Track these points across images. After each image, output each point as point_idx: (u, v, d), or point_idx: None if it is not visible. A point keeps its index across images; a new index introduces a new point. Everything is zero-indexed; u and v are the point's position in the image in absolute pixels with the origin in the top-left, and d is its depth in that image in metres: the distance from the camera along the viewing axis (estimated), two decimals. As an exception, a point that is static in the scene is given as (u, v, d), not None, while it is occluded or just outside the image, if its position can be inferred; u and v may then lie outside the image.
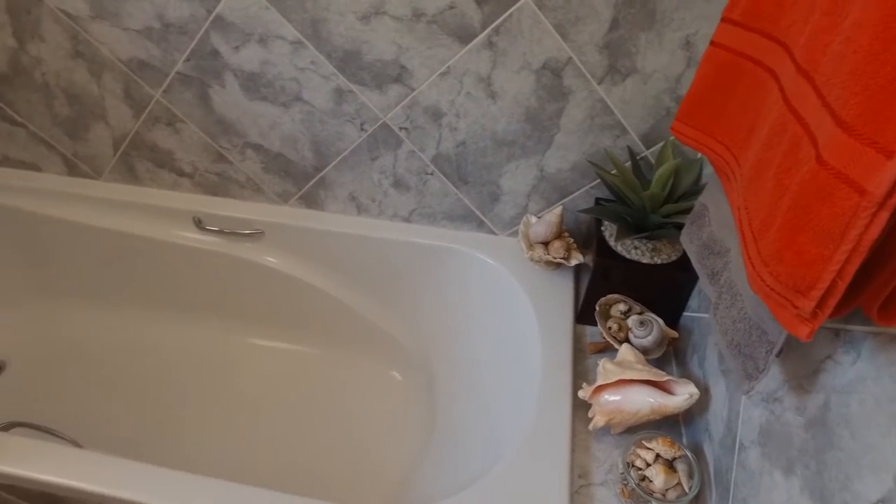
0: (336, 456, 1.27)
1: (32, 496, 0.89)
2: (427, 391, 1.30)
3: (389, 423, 1.31)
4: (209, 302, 1.47)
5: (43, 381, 1.44)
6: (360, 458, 1.26)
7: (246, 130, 1.20)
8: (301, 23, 1.02)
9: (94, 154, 1.36)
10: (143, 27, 1.10)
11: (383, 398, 1.35)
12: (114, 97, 1.24)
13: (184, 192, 1.36)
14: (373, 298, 1.33)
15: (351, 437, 1.29)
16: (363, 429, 1.31)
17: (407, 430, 1.28)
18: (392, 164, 1.17)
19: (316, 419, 1.34)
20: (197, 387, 1.42)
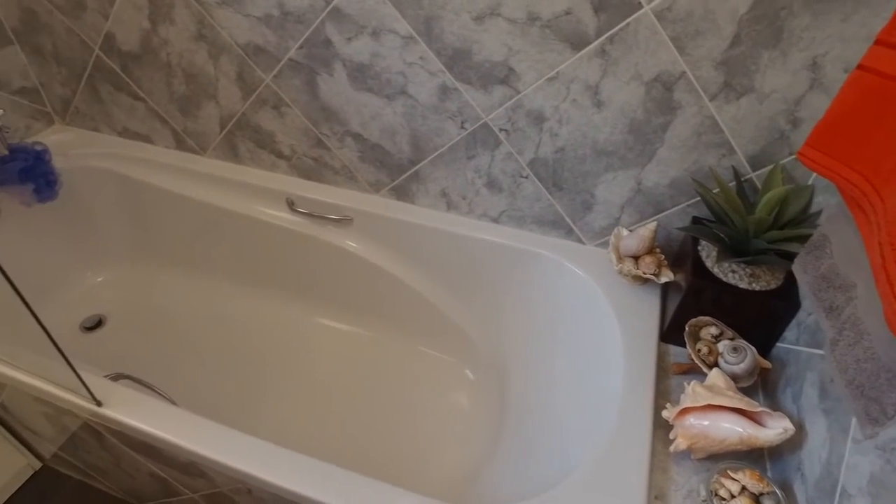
0: (400, 443, 1.29)
1: (134, 443, 0.95)
2: (498, 393, 1.30)
3: (457, 419, 1.32)
4: (290, 280, 1.53)
5: (134, 338, 1.54)
6: (425, 449, 1.28)
7: (348, 119, 1.24)
8: (415, 19, 1.04)
9: (202, 131, 1.43)
10: (263, 14, 1.15)
11: (453, 394, 1.37)
12: (227, 79, 1.30)
13: (280, 174, 1.42)
14: (452, 295, 1.35)
15: (417, 426, 1.32)
16: (430, 421, 1.33)
17: (475, 429, 1.29)
18: (488, 164, 1.18)
19: (384, 404, 1.37)
20: (270, 360, 1.47)
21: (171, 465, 0.97)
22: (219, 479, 0.91)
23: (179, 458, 0.91)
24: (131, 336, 1.54)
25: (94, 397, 0.89)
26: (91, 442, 1.07)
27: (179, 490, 1.05)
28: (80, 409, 0.93)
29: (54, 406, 1.00)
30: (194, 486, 0.99)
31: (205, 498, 1.02)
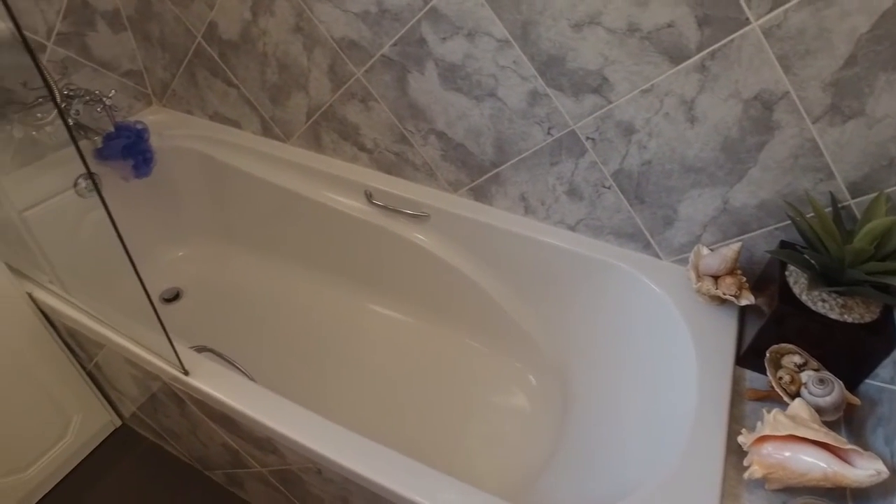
0: (456, 439, 1.31)
1: (213, 414, 1.00)
2: (560, 401, 1.30)
3: (517, 423, 1.33)
4: (358, 269, 1.56)
5: (208, 312, 1.61)
6: (481, 448, 1.29)
7: (434, 117, 1.26)
8: (512, 23, 1.05)
9: (289, 119, 1.48)
10: (361, 10, 1.19)
11: (514, 397, 1.37)
12: (319, 71, 1.34)
13: (360, 166, 1.46)
14: (521, 299, 1.35)
15: (475, 424, 1.33)
16: (489, 420, 1.33)
17: (533, 435, 1.29)
18: (571, 171, 1.17)
19: (442, 398, 1.38)
20: (331, 343, 1.51)
21: (245, 439, 1.01)
22: (291, 456, 0.94)
23: (256, 432, 0.95)
24: (205, 310, 1.61)
25: (182, 366, 0.94)
26: (172, 407, 1.13)
27: (249, 463, 1.10)
28: (168, 376, 0.98)
29: (143, 370, 1.06)
30: (265, 460, 1.04)
31: (272, 473, 1.06)
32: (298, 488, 1.04)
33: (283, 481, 1.07)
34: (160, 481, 1.35)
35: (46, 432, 1.25)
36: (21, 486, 1.23)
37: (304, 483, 1.01)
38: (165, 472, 1.37)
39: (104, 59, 1.55)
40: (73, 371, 1.26)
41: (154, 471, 1.37)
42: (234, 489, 1.31)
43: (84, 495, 1.33)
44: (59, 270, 1.16)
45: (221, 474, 1.29)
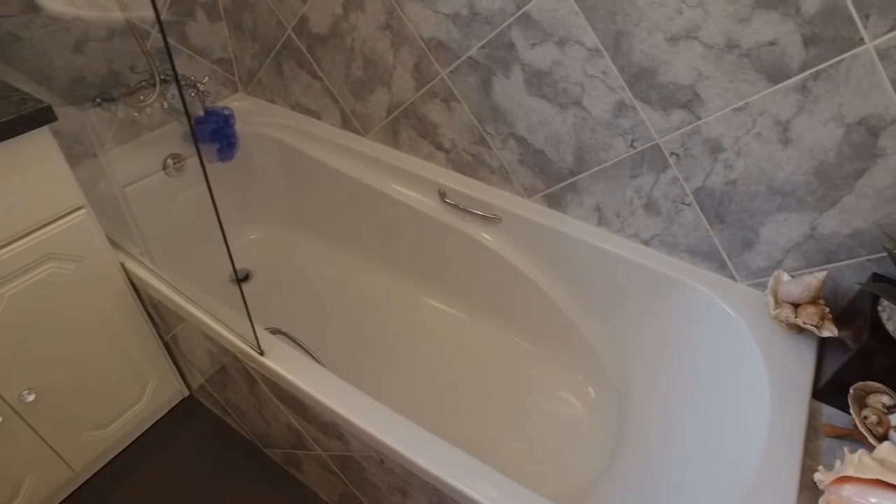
0: (511, 443, 1.31)
1: (283, 395, 1.03)
2: (619, 417, 1.28)
3: (573, 434, 1.32)
4: (425, 266, 1.58)
5: (275, 294, 1.66)
6: (536, 455, 1.28)
7: (515, 122, 1.26)
8: (605, 33, 1.04)
9: (369, 114, 1.52)
10: (452, 12, 1.20)
11: (572, 408, 1.36)
12: (404, 69, 1.36)
13: (435, 165, 1.47)
14: (586, 309, 1.34)
15: (530, 431, 1.32)
16: (545, 428, 1.33)
17: (589, 449, 1.28)
18: (650, 185, 1.15)
19: (498, 400, 1.39)
20: (393, 336, 1.54)
21: (311, 422, 1.04)
22: (355, 443, 0.97)
23: (323, 417, 0.98)
24: (272, 292, 1.66)
25: (259, 347, 0.98)
26: (241, 384, 1.18)
27: (310, 445, 1.13)
28: (244, 355, 1.02)
29: (219, 346, 1.10)
30: (327, 445, 1.06)
31: (333, 457, 1.09)
32: (357, 475, 1.07)
33: (342, 467, 1.09)
34: (220, 454, 1.40)
35: (126, 394, 1.32)
36: (101, 441, 1.31)
37: (363, 471, 1.03)
38: (225, 446, 1.42)
39: (199, 47, 1.62)
40: (153, 340, 1.33)
41: (215, 443, 1.43)
42: (290, 469, 1.35)
43: (149, 459, 1.40)
44: (149, 245, 1.23)
45: (280, 453, 1.33)
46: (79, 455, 1.28)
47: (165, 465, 1.39)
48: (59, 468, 1.25)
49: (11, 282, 1.01)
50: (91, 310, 1.16)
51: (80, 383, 1.20)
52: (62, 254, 1.06)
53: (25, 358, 1.08)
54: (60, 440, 1.22)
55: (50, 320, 1.09)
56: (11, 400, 1.09)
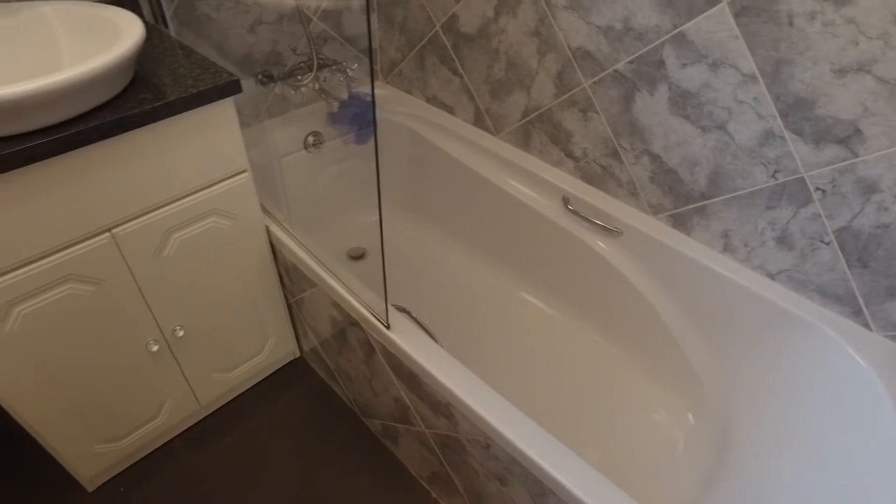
0: (600, 457, 1.31)
1: (400, 370, 1.10)
2: (716, 449, 1.26)
3: (667, 460, 1.31)
4: (537, 268, 1.61)
5: (390, 269, 1.75)
6: (626, 474, 1.28)
7: (651, 139, 1.26)
8: (764, 59, 1.03)
9: (503, 115, 1.56)
10: (605, 24, 1.22)
11: (668, 431, 1.35)
12: (546, 75, 1.40)
13: (563, 172, 1.50)
14: (698, 335, 1.32)
15: (621, 448, 1.33)
16: (637, 448, 1.33)
17: (682, 478, 1.27)
18: (787, 219, 1.13)
19: (593, 411, 1.39)
20: (496, 332, 1.58)
21: (422, 399, 1.10)
22: (464, 425, 1.02)
23: (437, 395, 1.03)
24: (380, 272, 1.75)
25: (387, 320, 1.05)
26: (358, 353, 1.26)
27: (415, 421, 1.19)
28: (370, 326, 1.10)
29: (346, 314, 1.19)
30: (433, 423, 1.12)
31: (435, 436, 1.15)
32: (457, 456, 1.12)
33: (442, 446, 1.15)
34: (320, 416, 1.51)
35: (250, 346, 1.45)
36: (224, 384, 1.44)
37: (465, 453, 1.08)
38: (326, 409, 1.52)
39: (350, 35, 1.73)
40: (280, 300, 1.44)
41: (316, 405, 1.53)
42: (385, 441, 1.43)
43: (257, 409, 1.52)
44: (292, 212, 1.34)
45: (378, 424, 1.41)
46: (205, 392, 1.41)
47: (270, 417, 1.51)
48: (189, 400, 1.39)
49: (182, 230, 1.14)
50: (236, 264, 1.28)
51: (217, 328, 1.33)
52: (223, 210, 1.18)
53: (181, 298, 1.22)
54: (194, 376, 1.36)
55: (203, 268, 1.22)
56: (167, 333, 1.23)
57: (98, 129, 0.92)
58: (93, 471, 1.30)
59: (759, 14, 0.99)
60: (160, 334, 1.22)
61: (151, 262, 1.13)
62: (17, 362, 1.04)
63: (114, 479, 1.38)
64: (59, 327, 1.06)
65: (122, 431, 1.30)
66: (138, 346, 1.21)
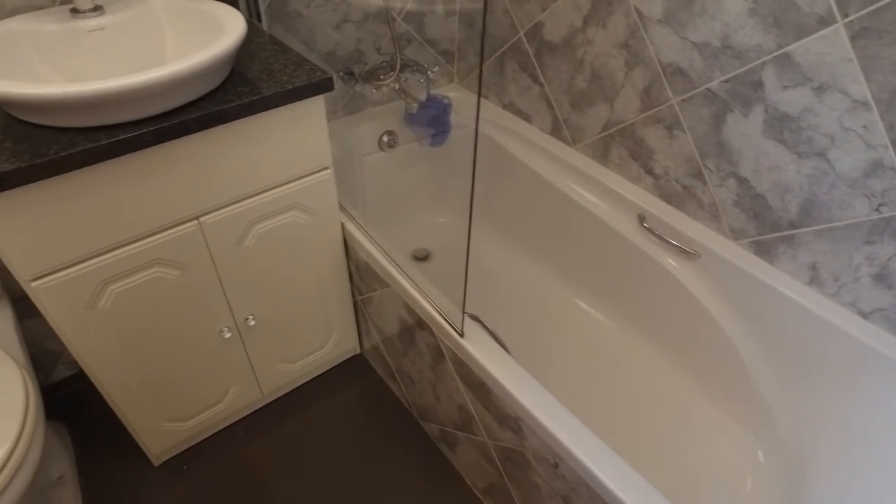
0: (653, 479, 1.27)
1: (470, 378, 1.09)
2: (788, 491, 1.20)
3: (729, 492, 1.26)
4: (604, 283, 1.58)
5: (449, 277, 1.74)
6: (678, 500, 1.24)
7: (740, 162, 1.22)
8: (880, 85, 0.97)
9: (582, 126, 1.54)
10: (701, 41, 1.18)
11: (733, 465, 1.30)
12: (632, 89, 1.36)
13: (640, 188, 1.46)
14: (771, 366, 1.27)
15: (677, 472, 1.28)
16: (694, 474, 1.28)
17: (752, 510, 1.22)
18: (889, 256, 1.06)
19: (649, 430, 1.35)
20: (552, 340, 1.55)
21: (490, 410, 1.09)
22: (532, 441, 1.00)
23: (507, 408, 1.02)
24: (446, 275, 1.74)
25: (462, 328, 1.04)
26: (425, 357, 1.26)
27: (478, 430, 1.19)
28: (443, 332, 1.10)
29: (417, 318, 1.19)
30: (499, 435, 1.11)
31: (498, 448, 1.14)
32: (519, 471, 1.10)
33: (505, 459, 1.14)
34: (376, 415, 1.51)
35: (314, 339, 1.47)
36: (286, 375, 1.47)
37: (529, 469, 1.06)
38: (382, 409, 1.53)
39: (430, 37, 1.73)
40: (347, 296, 1.46)
41: (373, 404, 1.54)
42: (442, 446, 1.42)
43: (315, 402, 1.54)
44: (368, 210, 1.35)
45: (437, 429, 1.40)
46: (268, 381, 1.44)
47: (327, 411, 1.52)
48: (252, 388, 1.42)
49: (264, 221, 1.16)
50: (310, 258, 1.30)
51: (286, 320, 1.36)
52: (304, 205, 1.20)
53: (255, 287, 1.24)
54: (260, 365, 1.38)
55: (279, 260, 1.24)
56: (239, 321, 1.26)
57: (199, 120, 0.95)
58: (160, 447, 1.35)
59: (881, 36, 0.94)
60: (233, 322, 1.25)
61: (232, 251, 1.16)
62: (106, 338, 1.08)
63: (177, 457, 1.42)
64: (143, 308, 1.10)
65: (188, 412, 1.34)
66: (212, 332, 1.24)
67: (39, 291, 0.96)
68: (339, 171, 1.33)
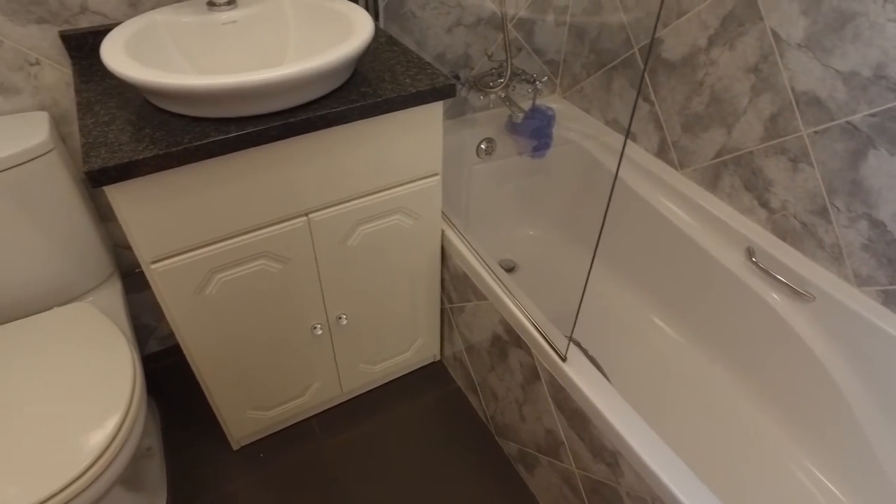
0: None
1: (566, 405, 1.05)
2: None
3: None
4: (708, 320, 1.50)
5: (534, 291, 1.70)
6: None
7: (878, 204, 1.12)
8: None
9: (693, 151, 1.47)
10: (848, 70, 1.10)
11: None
12: (756, 116, 1.29)
13: (751, 221, 1.38)
14: (891, 426, 1.17)
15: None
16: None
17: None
18: None
19: (734, 471, 1.27)
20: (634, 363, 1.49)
21: (583, 439, 1.05)
22: (629, 479, 0.95)
23: (605, 441, 0.98)
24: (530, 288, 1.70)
25: (565, 352, 1.00)
26: (517, 376, 1.23)
27: (565, 457, 1.14)
28: (543, 354, 1.06)
29: (515, 336, 1.16)
30: (589, 466, 1.07)
31: (586, 479, 1.09)
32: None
33: (592, 492, 1.09)
34: (451, 425, 1.49)
35: (399, 343, 1.46)
36: (367, 375, 1.47)
37: None
38: (458, 419, 1.50)
39: (538, 46, 1.70)
40: (436, 303, 1.44)
41: (449, 413, 1.52)
42: (518, 466, 1.39)
43: (391, 405, 1.53)
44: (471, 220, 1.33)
45: (516, 448, 1.37)
46: (350, 380, 1.44)
47: (403, 415, 1.51)
48: (333, 385, 1.43)
49: (368, 223, 1.16)
50: (408, 262, 1.29)
51: (376, 321, 1.36)
52: (409, 210, 1.19)
53: (351, 287, 1.24)
54: (344, 363, 1.39)
55: (378, 262, 1.24)
56: (331, 319, 1.26)
57: (323, 118, 0.95)
58: (241, 432, 1.37)
59: None
60: (325, 319, 1.26)
61: (335, 249, 1.16)
62: (208, 323, 1.10)
63: (255, 444, 1.45)
64: (245, 298, 1.11)
65: (271, 402, 1.35)
66: (305, 328, 1.24)
67: (157, 274, 0.98)
68: (453, 180, 1.32)
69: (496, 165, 1.72)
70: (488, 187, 1.74)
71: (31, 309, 1.18)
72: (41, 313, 1.16)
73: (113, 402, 0.98)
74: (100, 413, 0.96)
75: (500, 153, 1.72)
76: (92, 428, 0.94)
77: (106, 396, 0.99)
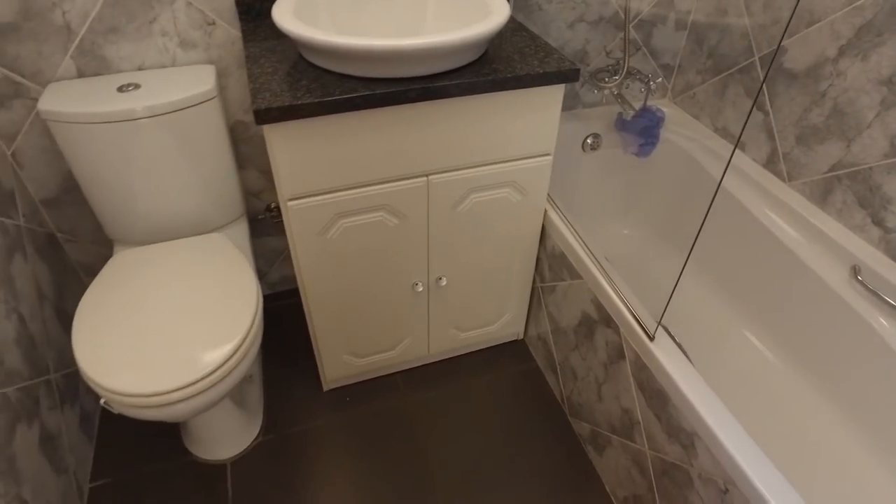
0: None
1: (649, 385, 1.09)
2: None
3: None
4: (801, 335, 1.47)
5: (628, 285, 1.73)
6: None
7: None
8: None
9: (805, 163, 1.45)
10: (985, 92, 1.07)
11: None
12: (882, 131, 1.27)
13: (861, 239, 1.35)
14: None
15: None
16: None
17: None
18: None
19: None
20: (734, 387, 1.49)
21: (660, 420, 1.08)
22: (703, 461, 0.98)
23: (683, 422, 1.01)
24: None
25: (654, 332, 1.04)
26: (600, 355, 1.28)
27: (638, 438, 1.18)
28: (631, 333, 1.11)
29: (605, 315, 1.21)
30: (663, 447, 1.10)
31: (658, 460, 1.13)
32: (676, 488, 1.09)
33: (661, 473, 1.12)
34: (526, 402, 1.55)
35: (487, 313, 1.54)
36: (453, 341, 1.57)
37: (689, 488, 1.04)
38: (533, 397, 1.56)
39: (654, 48, 1.73)
40: (529, 280, 1.51)
41: (526, 390, 1.58)
42: (587, 446, 1.43)
43: (470, 374, 1.61)
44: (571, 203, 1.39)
45: (588, 429, 1.41)
46: (438, 342, 1.54)
47: (481, 386, 1.59)
48: (422, 344, 1.52)
49: (480, 192, 1.25)
50: (509, 236, 1.37)
51: (471, 289, 1.44)
52: (519, 185, 1.27)
53: (454, 251, 1.34)
54: (436, 325, 1.48)
55: (482, 231, 1.32)
56: (432, 279, 1.36)
57: (458, 86, 1.04)
58: (334, 374, 1.49)
59: None
60: (427, 278, 1.36)
61: (447, 212, 1.25)
62: (326, 264, 1.22)
63: (344, 388, 1.57)
64: (360, 246, 1.23)
65: (365, 351, 1.47)
66: (407, 283, 1.35)
67: (292, 211, 1.11)
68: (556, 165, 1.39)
69: (600, 160, 1.76)
70: (590, 181, 1.78)
71: (180, 233, 1.35)
72: (190, 237, 1.33)
73: (241, 319, 1.12)
74: (229, 328, 1.10)
75: (605, 149, 1.76)
76: (219, 344, 1.08)
77: (234, 314, 1.13)
